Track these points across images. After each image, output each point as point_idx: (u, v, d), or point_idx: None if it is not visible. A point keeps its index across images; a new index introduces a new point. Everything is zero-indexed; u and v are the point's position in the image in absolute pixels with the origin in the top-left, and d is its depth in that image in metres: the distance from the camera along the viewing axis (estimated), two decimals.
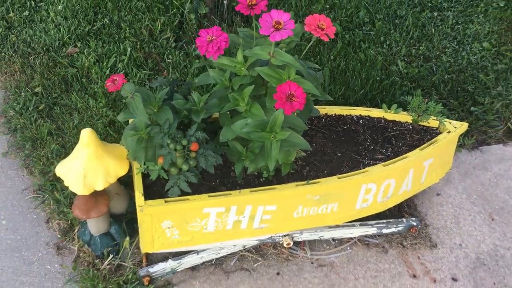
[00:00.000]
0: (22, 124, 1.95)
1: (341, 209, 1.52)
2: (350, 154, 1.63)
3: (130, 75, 2.16)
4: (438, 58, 2.45)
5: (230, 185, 1.47)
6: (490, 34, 2.59)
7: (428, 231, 1.75)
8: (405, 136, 1.72)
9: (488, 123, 2.16)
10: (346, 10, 2.64)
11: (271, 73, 1.36)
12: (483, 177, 1.97)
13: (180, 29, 2.45)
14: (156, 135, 1.35)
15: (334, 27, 1.39)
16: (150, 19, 2.46)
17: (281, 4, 2.64)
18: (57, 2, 2.51)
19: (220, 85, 1.44)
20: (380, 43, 2.50)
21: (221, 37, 1.38)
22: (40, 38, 2.31)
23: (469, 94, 2.27)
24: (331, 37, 1.38)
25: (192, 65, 2.21)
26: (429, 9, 2.72)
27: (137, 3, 2.54)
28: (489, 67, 2.40)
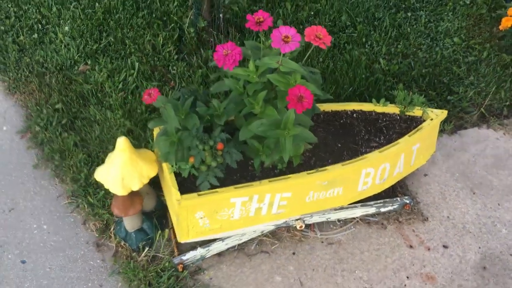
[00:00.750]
0: (48, 138, 2.13)
1: (345, 192, 1.76)
2: (349, 144, 1.87)
3: (141, 87, 2.36)
4: (415, 55, 2.71)
5: (249, 178, 1.70)
6: (459, 30, 2.87)
7: (419, 207, 2.01)
8: (394, 126, 1.97)
9: (463, 110, 2.43)
10: (329, 15, 2.89)
11: (280, 79, 1.60)
12: (463, 157, 2.23)
13: (180, 41, 2.66)
14: (186, 138, 1.56)
15: (330, 36, 1.64)
16: (151, 34, 2.66)
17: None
18: (63, 24, 2.69)
19: (236, 91, 1.66)
20: (362, 44, 2.75)
21: (235, 50, 1.60)
22: (52, 58, 2.49)
23: (445, 85, 2.53)
24: (328, 45, 1.62)
25: (196, 74, 2.43)
26: (403, 10, 2.99)
27: (137, 20, 2.74)
28: (460, 60, 2.67)
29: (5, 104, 2.34)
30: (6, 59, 2.51)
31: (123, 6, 2.82)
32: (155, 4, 2.87)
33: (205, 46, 2.59)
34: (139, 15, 2.79)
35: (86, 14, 2.76)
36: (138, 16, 2.79)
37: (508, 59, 2.65)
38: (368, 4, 2.99)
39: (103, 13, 2.76)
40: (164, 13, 2.82)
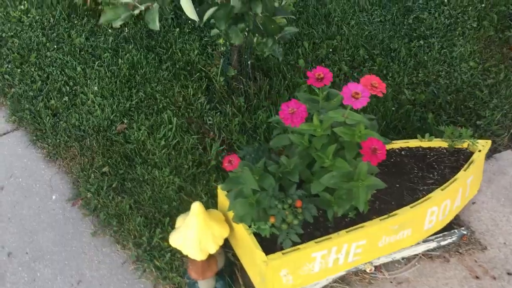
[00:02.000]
0: (102, 204, 2.14)
1: (413, 232, 1.80)
2: (406, 183, 1.93)
3: (181, 142, 2.39)
4: (436, 82, 2.80)
5: (322, 229, 1.73)
6: (472, 53, 2.98)
7: (475, 236, 2.07)
8: (443, 160, 2.04)
9: (494, 133, 2.52)
10: (346, 51, 2.97)
11: (347, 131, 1.65)
12: (504, 181, 2.31)
13: (208, 90, 2.70)
14: (264, 199, 1.60)
15: (384, 83, 1.70)
16: (180, 86, 2.70)
17: (289, 53, 2.93)
18: (91, 83, 2.71)
19: (302, 146, 1.70)
20: (384, 76, 2.83)
21: (300, 108, 1.65)
22: (88, 120, 2.50)
23: (472, 110, 2.62)
24: (384, 92, 1.68)
25: (233, 123, 2.46)
26: (415, 39, 3.09)
27: (162, 73, 2.78)
28: (480, 83, 2.77)
29: (49, 172, 2.33)
30: (42, 125, 2.51)
31: (146, 60, 2.86)
32: (177, 55, 2.92)
33: (235, 94, 2.64)
34: (163, 67, 2.84)
35: (111, 71, 2.79)
36: (162, 68, 2.83)
37: None
38: (381, 36, 3.09)
39: (128, 69, 2.80)
40: (187, 63, 2.87)
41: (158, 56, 2.92)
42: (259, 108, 2.55)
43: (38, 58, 2.91)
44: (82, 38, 3.04)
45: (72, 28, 3.16)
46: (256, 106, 2.57)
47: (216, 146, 2.34)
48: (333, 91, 1.82)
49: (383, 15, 3.28)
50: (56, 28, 3.16)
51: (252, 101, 2.58)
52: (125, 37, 3.07)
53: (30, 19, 3.22)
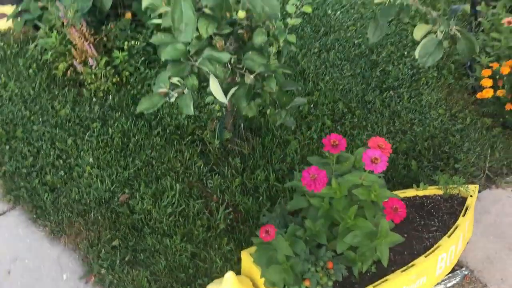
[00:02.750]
0: (117, 279, 2.13)
1: (428, 279, 1.94)
2: (412, 232, 2.08)
3: (187, 208, 2.44)
4: (411, 130, 3.03)
5: (348, 285, 1.83)
6: (438, 101, 3.25)
7: (475, 275, 2.23)
8: (439, 206, 2.21)
9: (472, 175, 2.75)
10: (326, 105, 3.16)
11: (364, 192, 1.78)
12: (489, 219, 2.51)
13: (203, 153, 2.78)
14: (297, 263, 1.68)
15: (389, 143, 1.87)
16: (174, 151, 2.76)
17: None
18: (85, 155, 2.72)
19: (323, 209, 1.82)
20: (364, 127, 3.03)
21: (321, 174, 1.77)
22: (89, 194, 2.51)
23: (448, 154, 2.86)
24: (390, 151, 1.85)
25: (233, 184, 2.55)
26: (386, 90, 3.34)
27: (155, 139, 2.84)
28: (451, 129, 3.03)
29: (55, 250, 2.30)
30: (41, 202, 2.48)
31: (137, 128, 2.92)
32: (165, 119, 2.99)
33: (230, 155, 2.73)
34: (154, 133, 2.90)
35: (103, 141, 2.82)
36: (154, 134, 2.89)
37: (489, 122, 3.05)
38: (355, 89, 3.31)
39: (120, 138, 2.84)
40: (177, 127, 2.94)
41: (147, 122, 2.97)
42: (256, 168, 2.66)
43: (25, 133, 2.89)
44: (67, 109, 3.06)
45: (54, 99, 3.17)
46: (253, 166, 2.67)
47: (222, 210, 2.41)
48: (344, 155, 1.96)
49: (352, 69, 3.52)
50: (37, 100, 3.16)
51: (248, 161, 2.69)
52: (111, 105, 3.11)
53: (9, 93, 3.20)
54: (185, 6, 1.10)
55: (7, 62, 3.51)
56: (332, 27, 4.04)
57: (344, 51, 3.72)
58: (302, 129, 2.94)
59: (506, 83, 2.90)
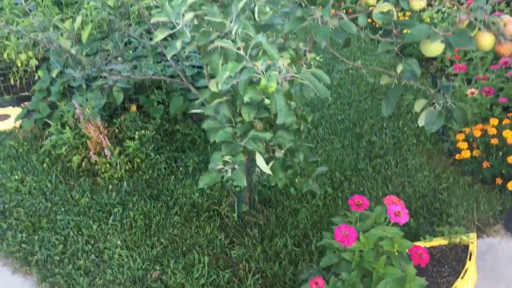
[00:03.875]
0: None
1: None
2: (428, 279, 2.34)
3: (217, 279, 2.62)
4: (403, 192, 3.38)
5: None
6: (422, 164, 3.64)
7: None
8: (447, 255, 2.50)
9: (464, 226, 3.07)
10: (325, 175, 3.49)
11: (388, 243, 2.06)
12: (487, 265, 2.80)
13: (222, 227, 3.01)
14: None
15: (400, 200, 2.18)
16: (195, 227, 2.98)
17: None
18: (112, 238, 2.90)
19: (355, 261, 2.07)
20: (361, 192, 3.36)
21: (351, 230, 2.05)
22: (123, 273, 2.66)
23: (440, 210, 3.19)
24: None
25: (256, 252, 2.76)
26: (374, 158, 3.72)
27: (175, 218, 3.05)
28: (438, 187, 3.39)
29: None
30: (77, 286, 2.61)
31: (155, 209, 3.13)
32: (181, 199, 3.23)
33: (247, 226, 2.97)
34: (172, 212, 3.12)
35: (127, 224, 3.01)
36: (172, 213, 3.11)
37: (469, 180, 3.43)
38: (347, 159, 3.68)
39: (142, 220, 3.04)
40: (193, 205, 3.18)
41: (164, 203, 3.20)
42: (274, 236, 2.90)
43: (50, 223, 3.05)
44: (86, 198, 3.25)
45: (71, 189, 3.37)
46: (270, 234, 2.91)
47: (250, 276, 2.61)
48: (365, 213, 2.25)
49: (341, 142, 3.91)
50: (56, 191, 3.35)
51: (265, 231, 2.93)
52: (127, 191, 3.33)
53: (27, 188, 3.38)
54: (278, 98, 1.42)
55: (21, 159, 3.71)
56: (315, 106, 4.48)
57: (331, 126, 4.13)
58: (307, 197, 3.23)
59: (480, 144, 3.34)
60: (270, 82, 1.34)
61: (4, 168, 3.59)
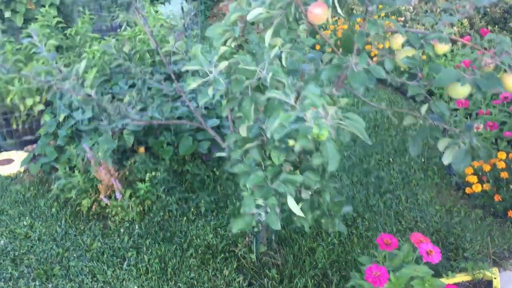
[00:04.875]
0: None
1: None
2: None
3: None
4: (417, 227, 3.38)
5: None
6: (433, 199, 3.67)
7: None
8: None
9: (481, 260, 3.07)
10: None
11: (419, 282, 2.05)
12: None
13: (239, 269, 2.97)
14: None
15: (426, 238, 2.18)
16: (212, 269, 2.94)
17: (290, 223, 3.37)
18: (128, 284, 2.84)
19: None
20: (375, 228, 3.36)
21: (381, 270, 2.04)
22: None
23: (455, 245, 3.20)
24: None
25: None
26: (384, 193, 3.74)
27: (191, 261, 3.01)
28: (451, 222, 3.41)
29: None
30: None
31: (170, 252, 3.09)
32: (195, 241, 3.19)
33: (265, 267, 2.94)
34: (187, 255, 3.08)
35: (142, 269, 2.96)
36: (187, 256, 3.07)
37: (481, 213, 3.46)
38: (358, 195, 3.69)
39: (158, 264, 2.99)
40: (208, 247, 3.14)
41: (179, 246, 3.16)
42: (293, 276, 2.87)
43: (63, 270, 2.99)
44: (98, 242, 3.21)
45: (82, 234, 3.32)
46: (289, 275, 2.88)
47: None
48: (394, 252, 2.25)
49: (350, 178, 3.93)
50: (66, 237, 3.29)
51: (284, 271, 2.90)
52: (139, 234, 3.29)
53: (37, 234, 3.32)
54: (330, 145, 1.45)
55: (28, 204, 3.66)
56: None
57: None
58: (322, 235, 3.22)
59: (490, 178, 3.38)
60: (322, 131, 1.37)
61: (12, 214, 3.53)
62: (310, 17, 1.62)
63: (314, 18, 1.61)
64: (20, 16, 6.16)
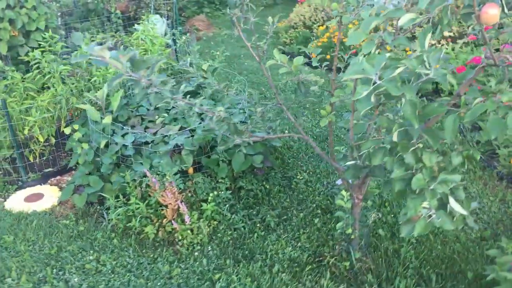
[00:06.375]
0: None
1: None
2: None
3: None
4: (479, 218, 3.51)
5: None
6: (483, 190, 3.81)
7: None
8: None
9: None
10: None
11: None
12: None
13: (332, 277, 2.96)
14: None
15: None
16: (309, 281, 2.92)
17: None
18: None
19: None
20: None
21: None
22: None
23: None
24: None
25: None
26: None
27: (282, 276, 2.97)
28: (508, 211, 3.56)
29: None
30: None
31: (258, 269, 3.04)
32: (275, 256, 3.15)
33: (358, 273, 2.95)
34: (275, 270, 3.04)
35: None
36: (275, 271, 3.03)
37: None
38: None
39: (250, 282, 2.93)
40: (291, 260, 3.12)
41: (262, 262, 3.11)
42: (390, 279, 2.89)
43: None
44: (178, 268, 3.10)
45: (155, 262, 3.19)
46: (385, 278, 2.91)
47: None
48: None
49: None
50: (141, 266, 3.16)
51: (380, 275, 2.92)
52: (216, 255, 3.21)
53: (108, 266, 3.16)
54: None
55: (84, 238, 3.48)
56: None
57: None
58: (397, 236, 3.27)
59: None
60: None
61: (72, 250, 3.34)
62: (484, 18, 1.68)
63: (489, 18, 1.67)
64: (4, 43, 5.88)
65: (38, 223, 3.65)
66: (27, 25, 5.87)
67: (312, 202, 3.77)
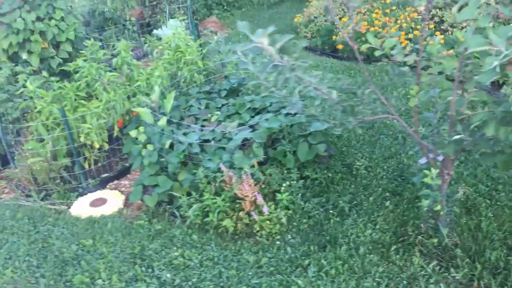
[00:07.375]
0: None
1: None
2: None
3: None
4: None
5: None
6: None
7: None
8: None
9: None
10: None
11: None
12: None
13: (422, 254, 3.02)
14: None
15: None
16: (399, 259, 2.98)
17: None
18: (324, 285, 2.83)
19: None
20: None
21: None
22: None
23: None
24: None
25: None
26: None
27: (370, 257, 3.03)
28: None
29: None
30: None
31: (345, 253, 3.10)
32: (357, 239, 3.21)
33: (446, 248, 3.01)
34: (361, 252, 3.09)
35: (329, 272, 2.95)
36: (361, 253, 3.08)
37: None
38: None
39: (341, 264, 2.99)
40: (373, 242, 3.18)
41: (347, 245, 3.17)
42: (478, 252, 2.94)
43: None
44: (265, 258, 3.15)
45: (240, 253, 3.24)
46: (476, 249, 2.95)
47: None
48: None
49: None
50: (227, 258, 3.21)
51: (469, 248, 2.98)
52: (298, 243, 3.27)
53: (196, 261, 3.21)
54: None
55: (163, 235, 3.53)
56: None
57: None
58: (473, 211, 3.33)
59: None
60: None
61: (155, 248, 3.38)
62: None
63: None
64: (36, 56, 5.94)
65: (112, 225, 3.70)
66: (57, 36, 5.93)
67: (377, 186, 3.83)
